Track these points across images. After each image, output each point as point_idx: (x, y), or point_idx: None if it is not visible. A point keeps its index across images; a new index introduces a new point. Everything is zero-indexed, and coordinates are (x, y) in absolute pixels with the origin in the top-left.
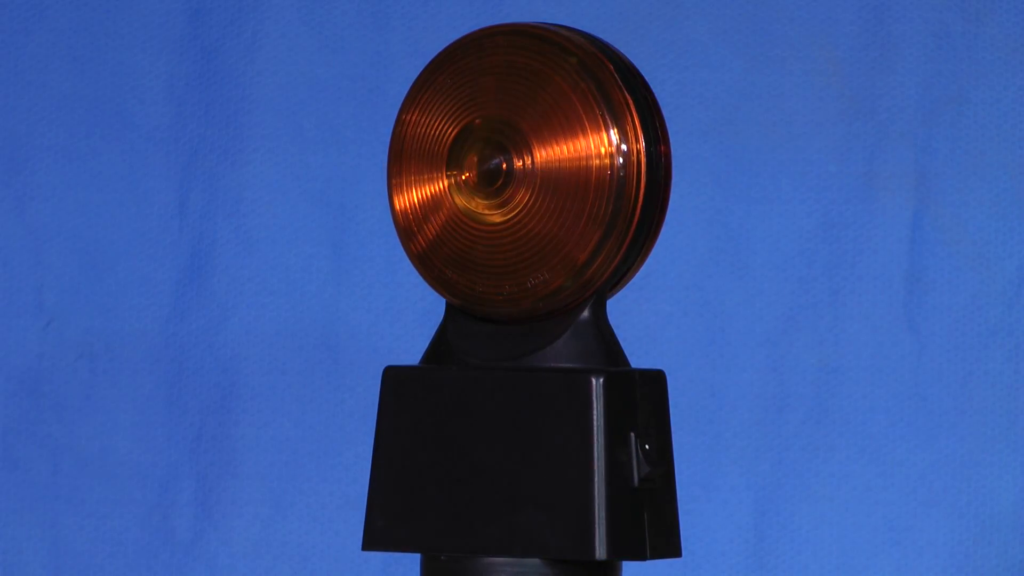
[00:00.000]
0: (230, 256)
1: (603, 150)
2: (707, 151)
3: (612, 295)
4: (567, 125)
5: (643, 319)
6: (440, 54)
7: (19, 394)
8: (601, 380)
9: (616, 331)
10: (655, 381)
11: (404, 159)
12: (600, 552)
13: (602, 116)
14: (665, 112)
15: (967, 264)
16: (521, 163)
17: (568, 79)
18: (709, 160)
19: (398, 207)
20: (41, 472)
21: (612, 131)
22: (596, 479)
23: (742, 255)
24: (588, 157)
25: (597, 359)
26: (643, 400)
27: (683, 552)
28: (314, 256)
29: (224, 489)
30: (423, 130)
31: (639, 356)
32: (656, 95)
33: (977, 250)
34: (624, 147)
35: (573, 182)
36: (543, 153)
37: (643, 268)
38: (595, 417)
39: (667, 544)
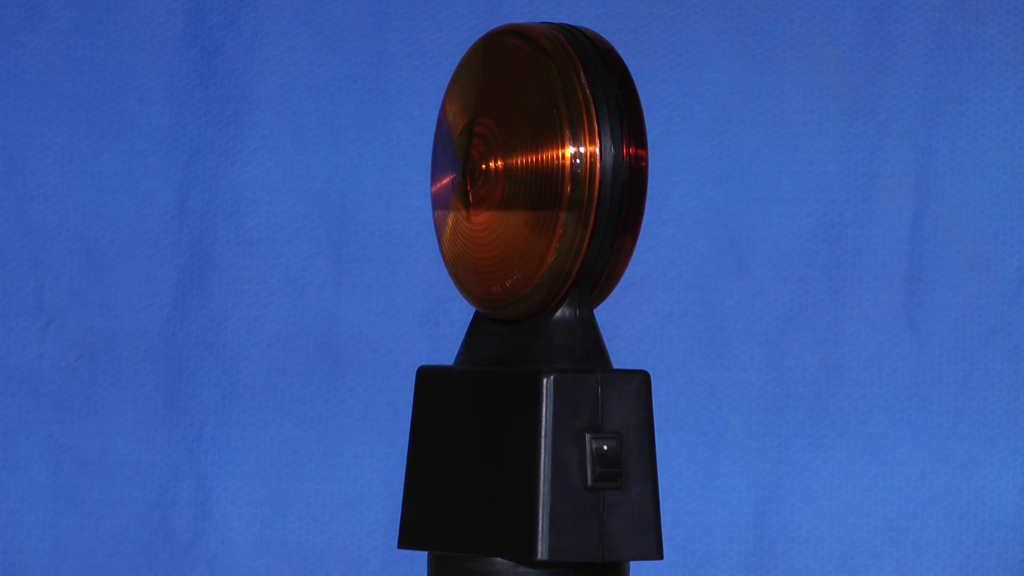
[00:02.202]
0: (230, 256)
1: (557, 152)
2: (707, 151)
3: (601, 295)
4: (532, 127)
5: (643, 319)
6: (465, 53)
7: (19, 394)
8: (549, 380)
9: (616, 331)
10: (633, 382)
11: (434, 160)
12: (541, 552)
13: (559, 119)
14: (665, 112)
15: (967, 264)
16: (494, 164)
17: (542, 82)
18: (709, 160)
19: (433, 207)
20: (41, 472)
21: (567, 134)
22: (541, 479)
23: (742, 255)
24: (546, 159)
25: (566, 358)
26: (609, 401)
27: (683, 552)
28: (314, 256)
29: (224, 489)
30: (443, 131)
31: (640, 356)
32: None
33: (977, 250)
34: (581, 149)
35: (534, 183)
36: (511, 155)
37: (644, 268)
38: (543, 416)
39: (639, 546)
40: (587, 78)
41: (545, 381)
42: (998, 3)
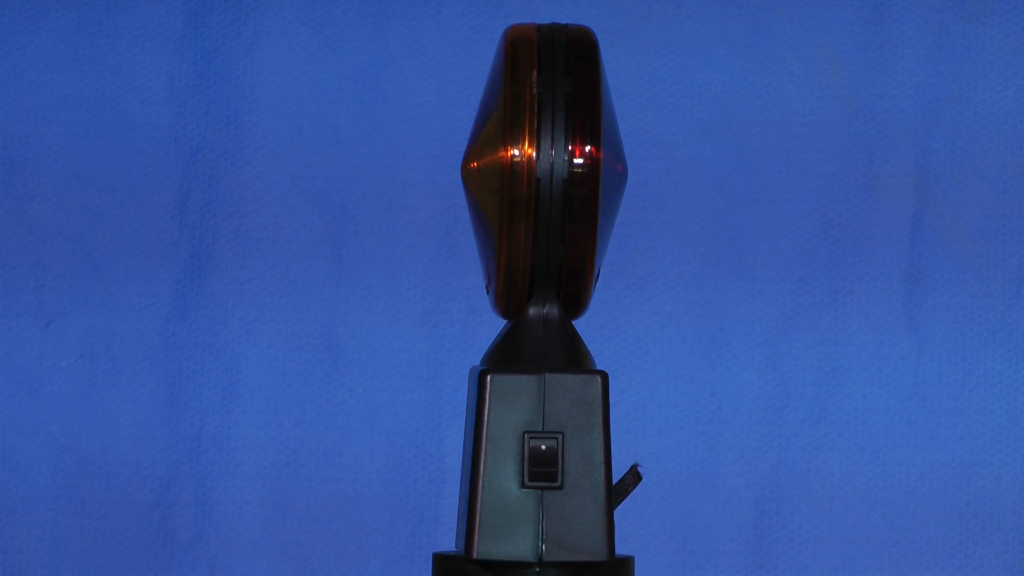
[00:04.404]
0: (230, 256)
1: (504, 153)
2: (707, 151)
3: (576, 294)
4: (495, 128)
5: (643, 319)
6: None
7: (19, 394)
8: (489, 379)
9: (616, 331)
10: (581, 383)
11: None
12: (476, 551)
13: (505, 119)
14: (665, 112)
15: (967, 264)
16: (475, 164)
17: (504, 82)
18: (709, 160)
19: None
20: (41, 472)
21: (510, 135)
22: (479, 477)
23: (742, 255)
24: (497, 160)
25: (522, 357)
26: (555, 401)
27: (683, 552)
28: (314, 256)
29: (224, 489)
30: None
31: (639, 356)
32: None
33: (977, 250)
34: (521, 150)
35: (492, 183)
36: (482, 156)
37: (644, 268)
38: (484, 415)
39: (584, 547)
40: (539, 77)
41: (487, 380)
42: (998, 3)
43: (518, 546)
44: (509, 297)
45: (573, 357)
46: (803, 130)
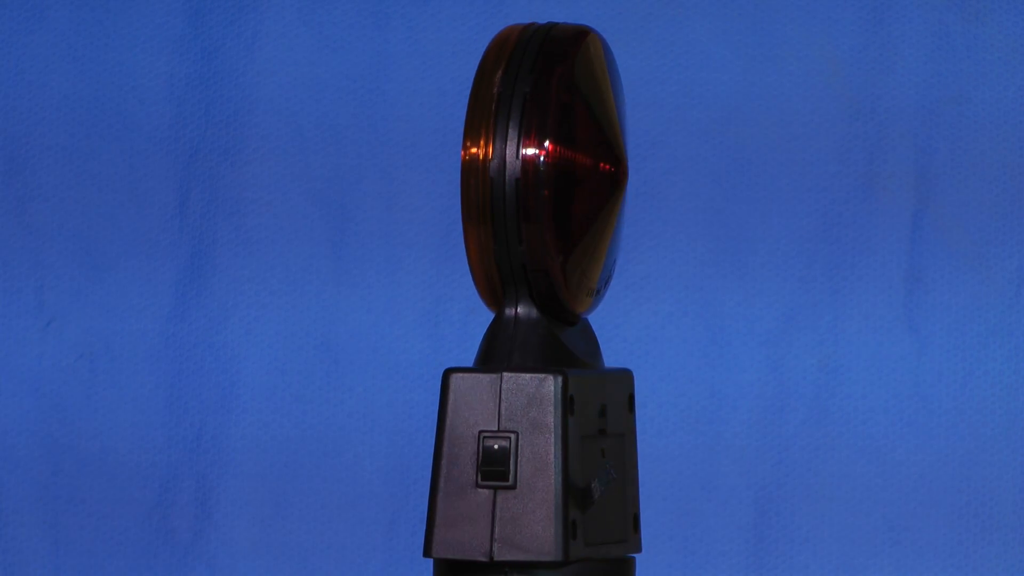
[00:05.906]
0: (230, 256)
1: (464, 153)
2: (707, 151)
3: (554, 294)
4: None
5: (643, 319)
6: None
7: (19, 394)
8: (450, 378)
9: (616, 331)
10: (536, 383)
11: None
12: (434, 550)
13: (466, 118)
14: (665, 112)
15: (967, 264)
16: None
17: (474, 80)
18: (709, 160)
19: None
20: (41, 472)
21: (470, 134)
22: (439, 476)
23: (742, 255)
24: (461, 161)
25: (491, 357)
26: (511, 401)
27: (683, 552)
28: (314, 256)
29: (224, 489)
30: None
31: (640, 356)
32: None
33: (977, 250)
34: (476, 150)
35: (460, 185)
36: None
37: (644, 268)
38: (445, 414)
39: (535, 547)
40: (504, 76)
41: (448, 379)
42: (998, 3)
43: (472, 545)
44: (486, 295)
45: (544, 357)
46: (803, 130)
